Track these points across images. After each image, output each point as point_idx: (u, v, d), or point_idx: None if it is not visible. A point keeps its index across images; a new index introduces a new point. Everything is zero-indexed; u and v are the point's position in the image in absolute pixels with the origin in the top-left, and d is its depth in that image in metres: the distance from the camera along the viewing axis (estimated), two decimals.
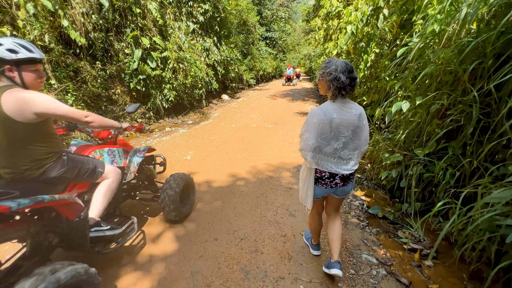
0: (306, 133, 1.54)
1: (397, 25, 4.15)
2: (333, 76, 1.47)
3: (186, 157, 4.32)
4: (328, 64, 1.52)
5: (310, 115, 1.55)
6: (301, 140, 1.59)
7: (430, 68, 2.27)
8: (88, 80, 5.91)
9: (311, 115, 1.54)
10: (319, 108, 1.54)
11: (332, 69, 1.47)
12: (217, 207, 2.82)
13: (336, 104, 1.53)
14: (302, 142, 1.58)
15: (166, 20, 7.12)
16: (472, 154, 2.28)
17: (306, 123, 1.55)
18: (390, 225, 2.73)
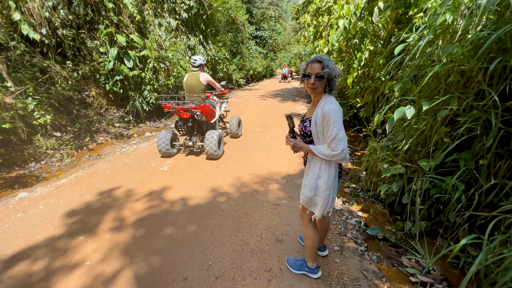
0: (341, 131, 1.42)
1: (392, 20, 3.81)
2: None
3: (163, 167, 3.86)
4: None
5: (336, 111, 1.43)
6: (340, 141, 1.42)
7: (439, 67, 1.90)
8: (57, 82, 5.35)
9: (337, 111, 1.44)
10: (336, 103, 1.49)
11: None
12: (191, 232, 2.39)
13: None
14: (342, 143, 1.42)
15: (144, 16, 6.59)
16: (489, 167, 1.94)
17: (336, 122, 1.41)
18: (392, 249, 2.37)
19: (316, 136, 1.52)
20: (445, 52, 1.83)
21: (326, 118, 1.41)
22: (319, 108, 1.48)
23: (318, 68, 1.46)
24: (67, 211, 2.72)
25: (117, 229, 2.42)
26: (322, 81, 1.46)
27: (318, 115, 1.47)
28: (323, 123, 1.45)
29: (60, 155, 4.53)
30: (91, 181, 3.44)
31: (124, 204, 2.84)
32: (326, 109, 1.42)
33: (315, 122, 1.49)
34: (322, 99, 1.52)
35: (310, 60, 1.50)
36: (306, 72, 1.51)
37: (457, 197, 2.02)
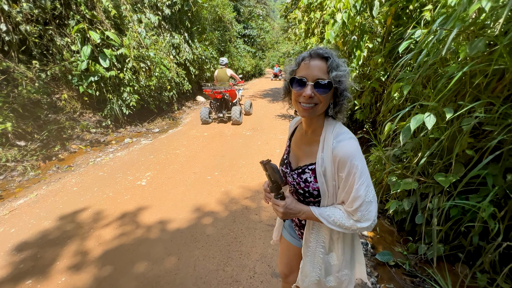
0: (371, 187, 0.84)
1: (392, 16, 3.50)
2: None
3: (141, 181, 3.40)
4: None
5: (359, 154, 0.83)
6: (371, 205, 0.83)
7: (469, 66, 1.57)
8: (21, 84, 4.75)
9: (361, 154, 0.84)
10: (352, 136, 0.88)
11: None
12: (169, 268, 1.97)
13: None
14: (373, 207, 0.84)
15: (122, 12, 6.05)
16: None
17: (364, 173, 0.82)
18: (407, 278, 2.04)
19: (325, 194, 0.91)
20: (474, 48, 1.51)
21: (346, 167, 0.82)
22: (326, 148, 0.86)
23: (320, 69, 0.82)
24: (17, 244, 2.23)
25: (77, 268, 1.97)
26: (327, 93, 0.82)
27: (326, 160, 0.86)
28: (338, 174, 0.85)
29: (23, 168, 3.97)
30: (54, 201, 2.94)
31: (89, 232, 2.38)
32: (344, 151, 0.82)
33: (323, 172, 0.88)
34: (325, 128, 0.90)
35: (305, 54, 0.87)
36: (298, 75, 0.85)
37: (480, 219, 1.71)
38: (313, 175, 0.91)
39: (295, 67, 0.89)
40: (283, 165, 1.08)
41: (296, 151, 1.04)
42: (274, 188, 0.93)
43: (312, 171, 0.91)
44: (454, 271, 2.02)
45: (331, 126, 0.90)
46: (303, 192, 0.95)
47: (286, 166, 1.05)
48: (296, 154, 1.04)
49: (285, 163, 1.07)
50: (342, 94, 0.86)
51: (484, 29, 1.78)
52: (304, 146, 0.99)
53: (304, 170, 0.94)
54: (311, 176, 0.91)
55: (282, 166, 1.08)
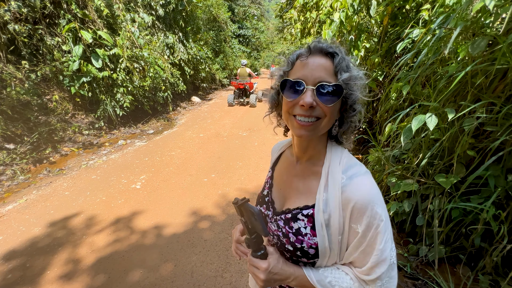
0: (392, 240, 0.60)
1: (389, 15, 3.48)
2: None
3: (135, 184, 3.31)
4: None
5: (382, 202, 0.58)
6: (393, 269, 0.60)
7: (472, 66, 1.54)
8: (10, 85, 4.60)
9: (380, 195, 0.59)
10: (367, 172, 0.62)
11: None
12: (165, 276, 1.90)
13: None
14: (395, 268, 0.60)
15: (114, 11, 5.93)
16: None
17: (387, 228, 0.58)
18: (408, 281, 2.01)
19: (326, 254, 0.62)
20: (476, 48, 1.48)
21: (365, 218, 0.57)
22: (333, 185, 0.61)
23: (324, 68, 0.59)
24: (5, 252, 2.13)
25: (68, 277, 1.88)
26: (335, 102, 0.58)
27: (332, 204, 0.60)
28: (349, 225, 0.59)
29: (12, 172, 3.84)
30: (44, 206, 2.84)
31: (81, 239, 2.29)
32: (361, 193, 0.57)
33: (326, 222, 0.61)
34: (329, 156, 0.65)
35: (301, 50, 0.64)
36: (292, 77, 0.61)
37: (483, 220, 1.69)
38: (310, 225, 0.62)
39: (287, 68, 0.64)
40: (262, 205, 0.78)
41: (283, 186, 0.75)
42: (253, 242, 0.63)
43: (309, 218, 0.63)
44: (455, 273, 2.00)
45: (337, 154, 0.64)
46: (292, 249, 0.65)
47: (267, 206, 0.76)
48: (283, 190, 0.74)
49: (266, 201, 0.77)
50: (352, 108, 0.62)
51: (484, 28, 1.77)
52: (295, 180, 0.71)
53: (296, 216, 0.65)
54: (307, 225, 0.63)
55: (261, 206, 0.78)
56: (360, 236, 0.58)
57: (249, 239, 0.63)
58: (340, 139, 0.67)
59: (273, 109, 0.75)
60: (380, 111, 3.19)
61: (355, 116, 0.63)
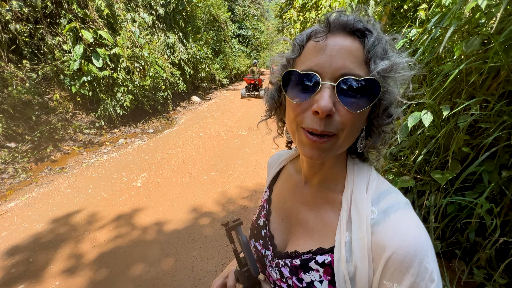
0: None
1: (387, 15, 3.53)
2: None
3: (136, 182, 3.35)
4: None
5: (428, 243, 0.39)
6: None
7: (465, 64, 1.58)
8: (11, 84, 4.63)
9: (430, 242, 0.39)
10: (409, 205, 0.44)
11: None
12: (166, 270, 1.93)
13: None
14: None
15: (115, 11, 5.97)
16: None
17: (439, 279, 0.38)
18: None
19: None
20: (470, 46, 1.52)
21: (409, 276, 0.37)
22: (359, 225, 0.42)
23: (350, 53, 0.39)
24: (8, 248, 2.17)
25: (71, 271, 1.92)
26: (366, 107, 0.40)
27: (358, 252, 0.41)
28: (383, 283, 0.39)
29: (14, 170, 3.87)
30: (46, 203, 2.87)
31: (84, 234, 2.33)
32: (403, 239, 0.38)
33: (351, 275, 0.41)
34: (350, 178, 0.47)
35: (317, 27, 0.44)
36: (301, 67, 0.42)
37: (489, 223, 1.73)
38: (328, 278, 0.44)
39: (293, 54, 0.45)
40: (258, 240, 0.59)
41: (285, 215, 0.57)
42: (245, 277, 0.49)
43: (326, 268, 0.45)
44: (451, 267, 2.04)
45: (363, 176, 0.46)
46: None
47: (264, 243, 0.57)
48: (286, 221, 0.56)
49: (262, 235, 0.59)
50: (386, 113, 0.44)
51: (478, 27, 1.81)
52: (303, 209, 0.53)
53: (307, 264, 0.46)
54: (323, 279, 0.45)
55: (256, 242, 0.59)
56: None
57: (240, 272, 0.50)
58: (366, 155, 0.48)
59: (272, 112, 0.55)
60: None
61: (390, 125, 0.45)
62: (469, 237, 1.90)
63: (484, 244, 1.77)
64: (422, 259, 0.37)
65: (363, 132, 0.45)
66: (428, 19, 2.37)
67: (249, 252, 0.48)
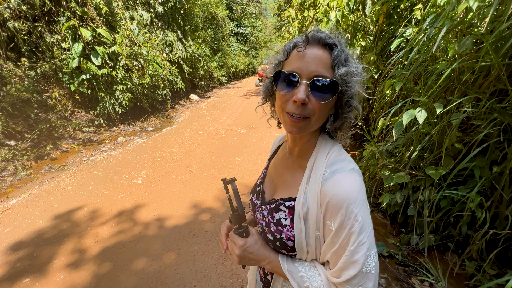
0: (373, 247, 0.55)
1: (384, 14, 3.58)
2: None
3: (137, 179, 3.39)
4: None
5: (362, 200, 0.54)
6: (367, 276, 0.54)
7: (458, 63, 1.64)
8: (10, 82, 4.64)
9: (363, 200, 0.55)
10: (355, 167, 0.59)
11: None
12: (168, 264, 1.99)
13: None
14: (371, 279, 0.54)
15: (113, 9, 5.96)
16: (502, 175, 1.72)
17: (365, 229, 0.53)
18: (400, 268, 2.12)
19: (303, 248, 0.61)
20: (462, 46, 1.58)
21: (339, 216, 0.53)
22: (314, 178, 0.59)
23: (321, 61, 0.56)
24: (12, 243, 2.21)
25: (75, 265, 1.97)
26: (329, 100, 0.56)
27: (311, 198, 0.58)
28: (325, 221, 0.57)
29: (14, 168, 3.89)
30: (48, 200, 2.90)
31: (86, 230, 2.37)
32: (338, 189, 0.54)
33: (304, 215, 0.59)
34: (317, 150, 0.63)
35: (299, 39, 0.60)
36: (287, 68, 0.59)
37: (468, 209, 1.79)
38: (290, 217, 0.62)
39: (282, 57, 0.62)
40: (254, 194, 0.79)
41: (274, 177, 0.75)
42: (236, 218, 0.67)
43: (290, 210, 0.62)
44: (444, 259, 2.11)
45: (325, 148, 0.62)
46: (272, 238, 0.65)
47: (257, 196, 0.77)
48: (274, 181, 0.75)
49: (257, 191, 0.78)
50: (348, 103, 0.60)
51: (471, 27, 1.86)
52: (285, 172, 0.71)
53: (278, 207, 0.65)
54: (287, 217, 0.62)
55: (252, 195, 0.80)
56: (332, 235, 0.55)
57: (232, 215, 0.68)
58: (333, 135, 0.65)
59: (267, 99, 0.73)
60: (375, 108, 3.29)
61: (350, 112, 0.61)
62: (461, 231, 1.97)
63: (475, 236, 1.83)
64: (349, 204, 0.52)
65: (331, 117, 0.62)
66: (423, 19, 2.43)
67: (236, 195, 0.67)
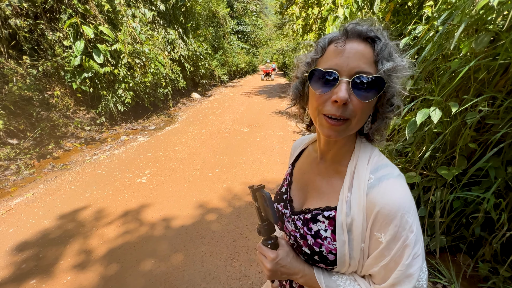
0: (424, 259, 0.51)
1: (391, 12, 3.53)
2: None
3: (141, 179, 3.35)
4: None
5: (413, 211, 0.49)
6: (421, 282, 0.51)
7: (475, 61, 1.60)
8: (11, 80, 4.59)
9: (412, 203, 0.50)
10: (399, 174, 0.54)
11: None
12: (176, 265, 1.95)
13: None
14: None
15: (115, 6, 5.91)
16: None
17: (418, 234, 0.49)
18: None
19: (345, 262, 0.55)
20: (479, 43, 1.54)
21: (392, 227, 0.48)
22: (358, 185, 0.54)
23: (363, 56, 0.50)
24: (17, 244, 2.17)
25: (82, 267, 1.93)
26: (373, 98, 0.50)
27: (356, 207, 0.53)
28: (372, 232, 0.52)
29: (17, 167, 3.86)
30: (52, 199, 2.87)
31: (92, 230, 2.34)
32: (389, 198, 0.49)
33: (348, 227, 0.54)
34: (356, 154, 0.58)
35: (335, 34, 0.55)
36: (323, 66, 0.53)
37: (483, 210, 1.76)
38: (331, 228, 0.56)
39: (316, 55, 0.56)
40: (280, 203, 0.72)
41: (304, 184, 0.69)
42: (265, 229, 0.62)
43: (330, 221, 0.57)
44: (456, 261, 2.08)
45: (365, 152, 0.57)
46: (310, 252, 0.59)
47: (284, 204, 0.70)
48: (304, 188, 0.69)
49: (283, 199, 0.71)
50: (389, 102, 0.54)
51: (486, 24, 1.82)
52: (318, 179, 0.65)
53: (316, 217, 0.59)
54: (327, 228, 0.57)
55: (278, 204, 0.73)
56: (383, 248, 0.49)
57: (261, 225, 0.63)
58: (372, 137, 0.60)
59: (296, 101, 0.65)
60: None
61: (391, 112, 0.56)
62: (475, 232, 1.94)
63: (489, 238, 1.80)
64: (403, 214, 0.48)
65: (370, 117, 0.57)
66: (435, 16, 2.38)
67: (270, 203, 0.59)
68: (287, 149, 4.46)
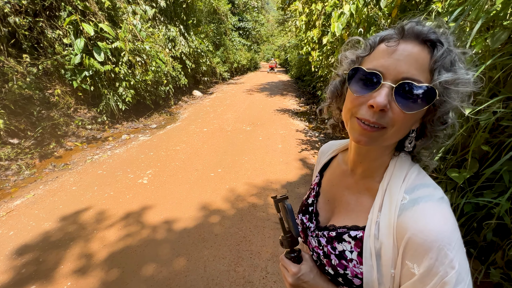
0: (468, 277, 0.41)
1: (398, 7, 3.43)
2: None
3: (142, 179, 3.31)
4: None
5: (455, 233, 0.41)
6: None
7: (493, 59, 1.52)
8: (11, 79, 4.55)
9: (457, 233, 0.41)
10: (443, 198, 0.44)
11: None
12: (179, 270, 1.91)
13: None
14: None
15: (116, 3, 5.82)
16: None
17: (462, 271, 0.39)
18: None
19: (374, 286, 0.48)
20: (496, 41, 1.46)
21: (427, 259, 0.40)
22: (389, 206, 0.47)
23: (416, 61, 0.43)
24: (17, 247, 2.14)
25: (82, 271, 1.89)
26: (417, 111, 0.43)
27: (385, 230, 0.46)
28: (405, 263, 0.44)
29: (17, 167, 3.83)
30: (52, 201, 2.83)
31: (93, 233, 2.30)
32: (425, 225, 0.41)
33: (376, 251, 0.47)
34: (390, 170, 0.51)
35: (391, 32, 0.47)
36: (367, 65, 0.47)
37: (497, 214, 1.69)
38: (357, 250, 0.51)
39: (363, 53, 0.50)
40: (305, 214, 0.68)
41: (331, 197, 0.64)
42: (288, 241, 0.60)
43: (357, 242, 0.51)
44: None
45: (402, 168, 0.50)
46: (334, 273, 0.54)
47: (310, 217, 0.66)
48: (331, 202, 0.64)
49: (309, 211, 0.67)
50: (441, 119, 0.47)
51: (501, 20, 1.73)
52: (346, 193, 0.60)
53: (341, 236, 0.54)
54: (353, 250, 0.51)
55: (303, 216, 0.68)
56: (416, 280, 0.42)
57: (283, 237, 0.61)
58: (417, 156, 0.52)
59: (333, 100, 0.60)
60: None
61: (443, 131, 0.48)
62: (487, 237, 1.87)
63: (502, 244, 1.74)
64: (442, 246, 0.40)
65: (414, 132, 0.49)
66: (445, 11, 2.29)
67: (292, 216, 0.57)
68: (290, 148, 4.40)
